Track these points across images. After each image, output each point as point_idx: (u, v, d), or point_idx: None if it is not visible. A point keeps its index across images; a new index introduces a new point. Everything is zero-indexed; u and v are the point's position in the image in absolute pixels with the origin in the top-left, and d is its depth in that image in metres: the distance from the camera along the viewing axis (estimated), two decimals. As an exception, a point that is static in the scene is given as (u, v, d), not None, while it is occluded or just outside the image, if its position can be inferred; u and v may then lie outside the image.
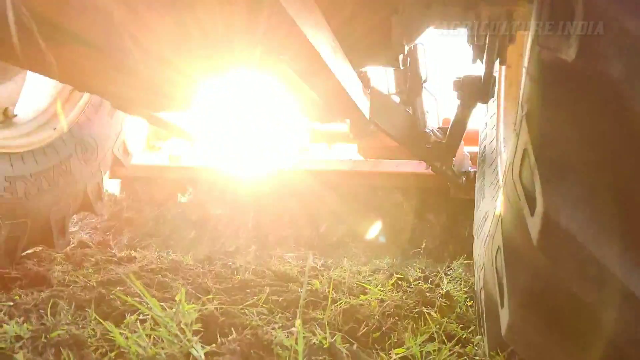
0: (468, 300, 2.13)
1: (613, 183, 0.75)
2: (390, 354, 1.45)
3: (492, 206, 2.11)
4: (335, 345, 1.25)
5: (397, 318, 1.81)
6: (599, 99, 0.74)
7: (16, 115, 2.31)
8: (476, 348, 1.70)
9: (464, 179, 2.73)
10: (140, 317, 1.50)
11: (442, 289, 2.28)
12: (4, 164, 2.20)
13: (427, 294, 2.14)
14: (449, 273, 2.69)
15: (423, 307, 1.96)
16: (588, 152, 0.77)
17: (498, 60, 1.89)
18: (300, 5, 0.96)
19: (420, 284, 2.33)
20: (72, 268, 2.23)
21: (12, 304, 1.63)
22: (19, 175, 2.26)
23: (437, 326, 1.76)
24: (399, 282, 2.32)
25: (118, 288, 1.82)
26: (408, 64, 2.04)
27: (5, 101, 2.25)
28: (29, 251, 2.47)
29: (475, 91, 1.97)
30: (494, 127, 2.63)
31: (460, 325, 1.86)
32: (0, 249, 2.19)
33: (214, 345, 1.21)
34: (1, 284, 1.93)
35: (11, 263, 2.27)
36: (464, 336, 1.78)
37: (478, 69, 2.00)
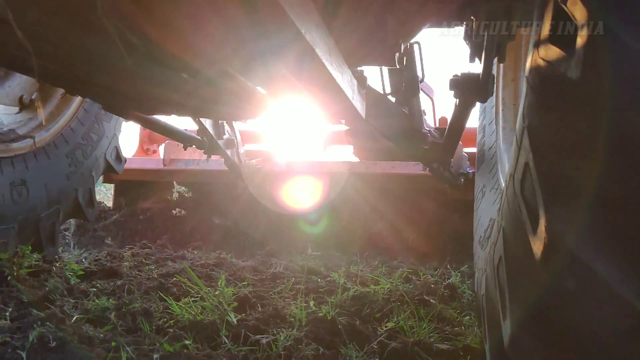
0: (470, 292, 2.43)
1: (618, 199, 0.73)
2: (383, 327, 1.83)
3: (489, 208, 2.16)
4: (335, 318, 1.65)
5: (399, 303, 2.18)
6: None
7: (33, 99, 2.41)
8: (463, 329, 2.05)
9: (462, 180, 2.67)
10: (192, 299, 1.95)
11: (447, 281, 2.61)
12: (43, 160, 2.48)
13: (432, 285, 2.48)
14: (459, 269, 2.99)
15: (425, 296, 2.31)
16: (595, 169, 0.73)
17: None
18: (297, 2, 0.95)
19: (428, 277, 2.67)
20: (137, 264, 2.73)
21: (95, 289, 2.13)
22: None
23: (432, 310, 2.12)
24: (410, 276, 2.66)
25: (175, 278, 2.29)
26: (404, 63, 1.97)
27: (18, 90, 2.37)
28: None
29: (473, 89, 1.84)
30: (493, 119, 2.57)
31: (457, 311, 2.21)
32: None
33: (244, 314, 1.65)
34: (84, 275, 2.45)
35: (89, 218, 2.90)
36: (457, 319, 2.13)
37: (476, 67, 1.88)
